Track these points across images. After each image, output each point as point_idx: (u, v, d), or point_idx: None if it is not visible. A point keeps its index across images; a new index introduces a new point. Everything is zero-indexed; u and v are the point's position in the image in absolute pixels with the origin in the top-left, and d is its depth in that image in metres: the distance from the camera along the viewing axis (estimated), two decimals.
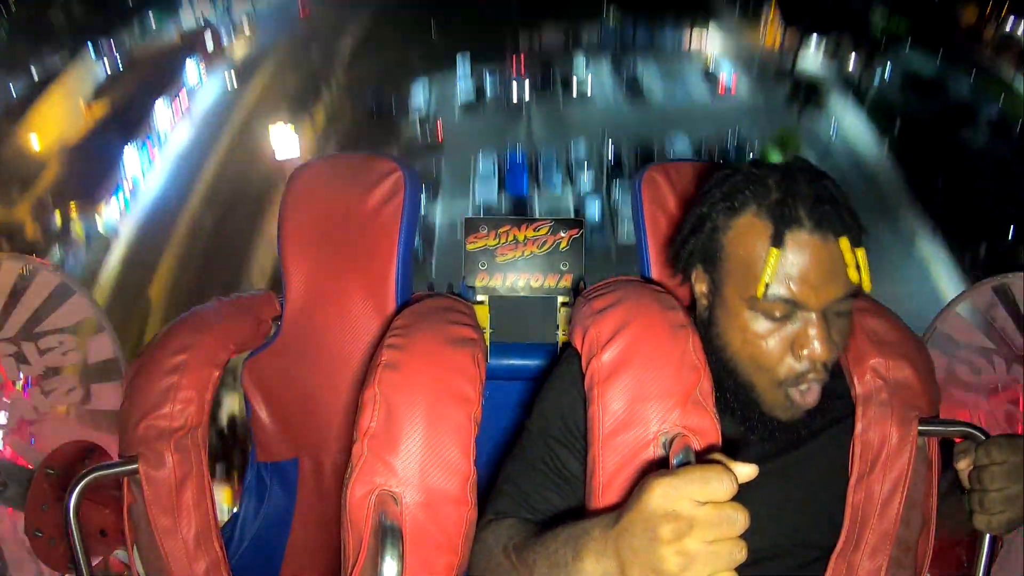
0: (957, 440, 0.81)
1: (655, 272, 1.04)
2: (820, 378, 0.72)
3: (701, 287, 0.80)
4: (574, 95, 17.94)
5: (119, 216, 17.94)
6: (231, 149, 19.74)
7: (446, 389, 0.73)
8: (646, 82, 18.24)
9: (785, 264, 0.68)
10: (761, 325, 0.72)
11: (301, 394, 1.11)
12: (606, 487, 0.69)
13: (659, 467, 0.66)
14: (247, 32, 24.07)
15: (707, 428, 0.69)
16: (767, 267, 0.68)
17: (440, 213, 15.86)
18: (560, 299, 1.26)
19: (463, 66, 18.39)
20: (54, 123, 20.97)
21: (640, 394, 0.69)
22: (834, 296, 0.69)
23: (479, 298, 1.26)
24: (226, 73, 21.45)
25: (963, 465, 0.76)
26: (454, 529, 0.70)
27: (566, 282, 1.26)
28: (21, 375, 1.10)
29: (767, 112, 17.51)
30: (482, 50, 17.98)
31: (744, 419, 0.77)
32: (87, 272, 16.85)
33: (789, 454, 0.79)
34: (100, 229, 17.64)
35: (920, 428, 0.79)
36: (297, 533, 1.13)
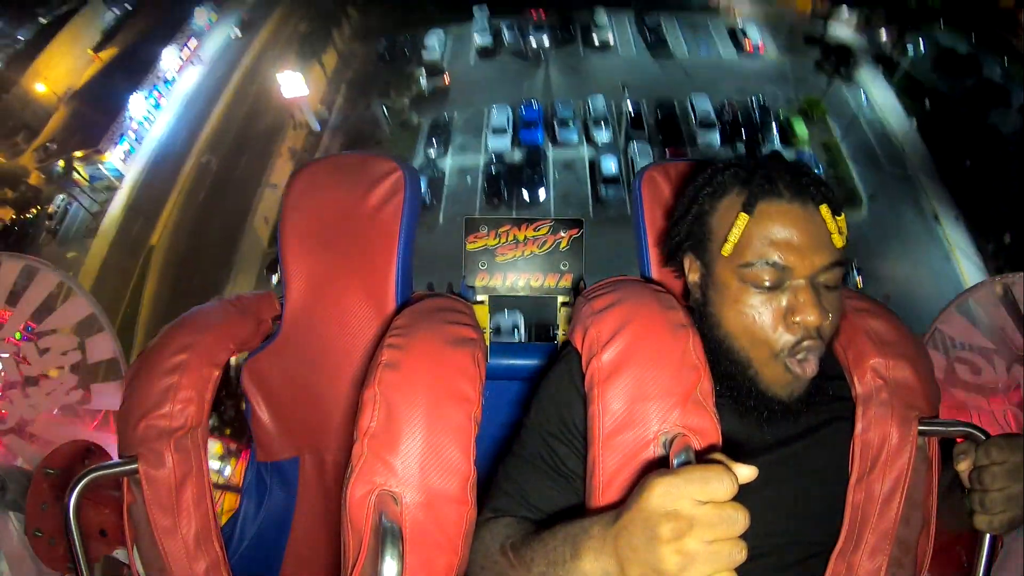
0: (958, 440, 0.81)
1: (655, 272, 1.04)
2: (815, 346, 0.73)
3: (693, 275, 0.81)
4: (596, 45, 17.13)
5: (124, 160, 17.69)
6: (239, 91, 19.52)
7: (446, 389, 0.73)
8: (670, 38, 17.44)
9: (769, 232, 0.72)
10: (753, 297, 0.73)
11: (301, 393, 1.11)
12: (606, 486, 0.69)
13: (659, 467, 0.66)
14: None
15: (707, 428, 0.69)
16: (734, 228, 0.73)
17: (451, 158, 15.18)
18: (560, 299, 1.26)
19: (481, 18, 17.99)
20: (61, 70, 20.89)
21: (640, 394, 0.69)
22: (820, 264, 0.72)
23: (479, 298, 1.26)
24: (232, 29, 21.32)
25: (963, 466, 0.76)
26: (454, 529, 0.70)
27: (566, 282, 1.26)
28: (21, 374, 1.10)
29: (794, 77, 16.89)
30: (502, 1, 17.56)
31: (743, 402, 0.76)
32: (91, 218, 16.87)
33: (789, 448, 0.79)
34: (105, 173, 17.33)
35: (920, 428, 0.79)
36: (297, 533, 1.13)
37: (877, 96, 17.29)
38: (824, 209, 0.72)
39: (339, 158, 1.16)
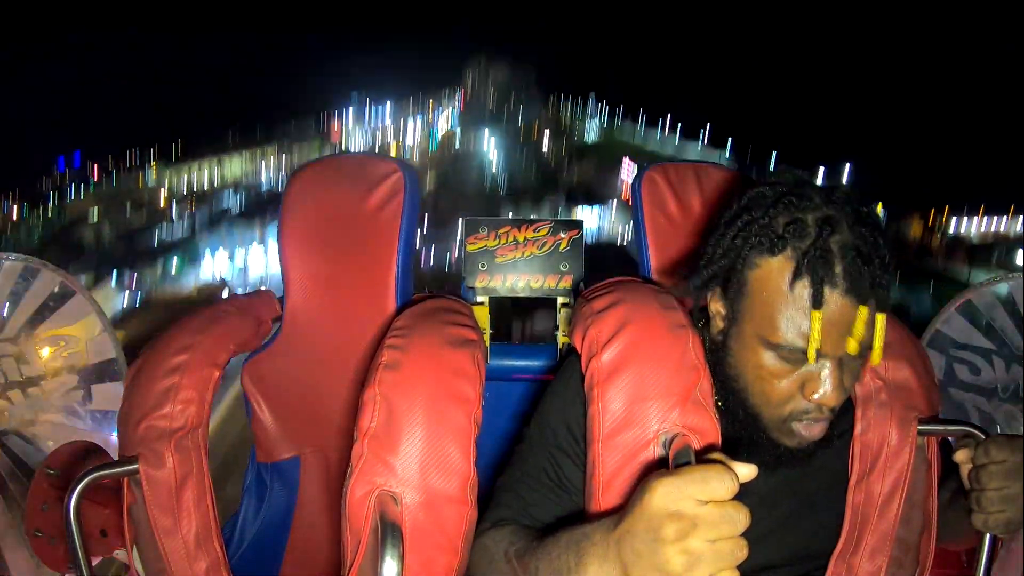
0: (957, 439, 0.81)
1: (655, 272, 1.04)
2: (825, 418, 0.70)
3: (719, 309, 0.75)
4: None
5: None
6: None
7: (446, 389, 0.73)
8: None
9: (807, 323, 0.64)
10: (776, 365, 0.68)
11: (302, 394, 1.11)
12: (606, 487, 0.69)
13: (659, 467, 0.66)
14: None
15: (707, 428, 0.69)
16: (813, 332, 0.63)
17: None
18: (560, 300, 1.26)
19: None
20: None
21: (640, 394, 0.69)
22: (850, 351, 0.65)
23: (479, 299, 1.26)
24: None
25: (963, 466, 0.76)
26: (454, 529, 0.70)
27: (566, 283, 1.26)
28: (21, 375, 1.10)
29: None
30: None
31: (752, 443, 0.74)
32: None
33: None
34: None
35: (920, 428, 0.79)
36: (297, 533, 1.13)
37: None
38: (863, 311, 0.63)
39: (339, 159, 1.16)
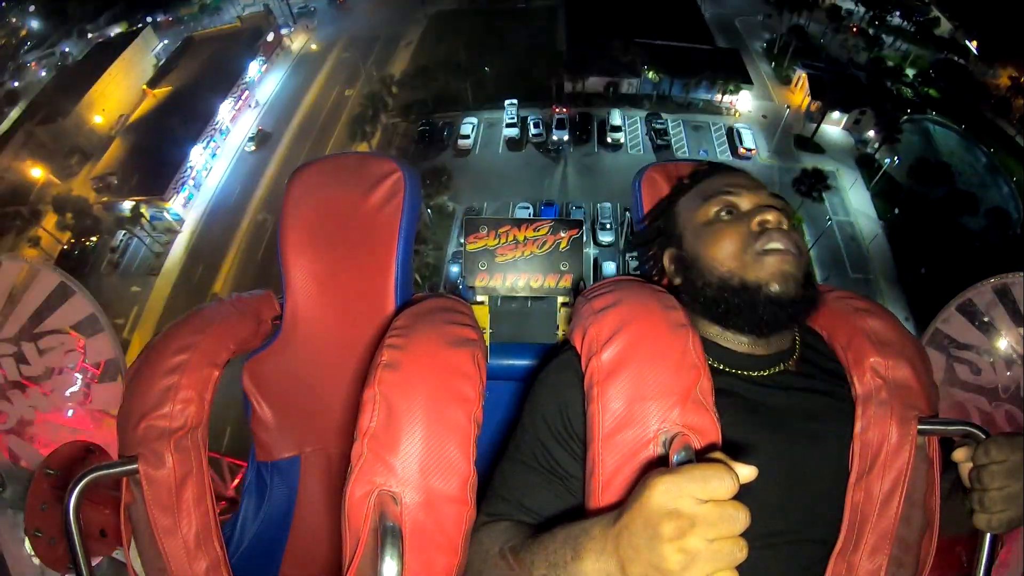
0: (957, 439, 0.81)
1: None
2: (781, 234, 0.80)
3: (671, 264, 0.92)
4: (609, 143, 18.98)
5: (184, 206, 18.87)
6: (289, 153, 20.28)
7: (446, 389, 0.72)
8: (674, 140, 19.23)
9: (719, 183, 0.89)
10: (722, 225, 0.85)
11: (302, 393, 1.11)
12: (606, 486, 0.69)
13: (659, 466, 0.66)
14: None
15: (707, 427, 0.68)
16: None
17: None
18: (560, 299, 1.26)
19: (510, 109, 19.89)
20: (114, 100, 21.93)
21: (640, 393, 0.69)
22: (765, 196, 0.86)
23: (479, 298, 1.26)
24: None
25: (963, 465, 0.76)
26: (454, 529, 0.70)
27: (566, 282, 1.26)
28: (21, 375, 1.10)
29: (779, 182, 18.14)
30: (530, 95, 19.87)
31: (752, 315, 0.80)
32: (153, 257, 17.77)
33: (789, 449, 0.79)
34: (166, 216, 18.39)
35: (920, 427, 0.79)
36: (297, 532, 1.13)
37: (853, 200, 18.49)
38: (746, 176, 0.91)
39: (339, 158, 1.16)
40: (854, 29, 23.74)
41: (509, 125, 19.33)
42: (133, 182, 18.97)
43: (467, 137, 19.22)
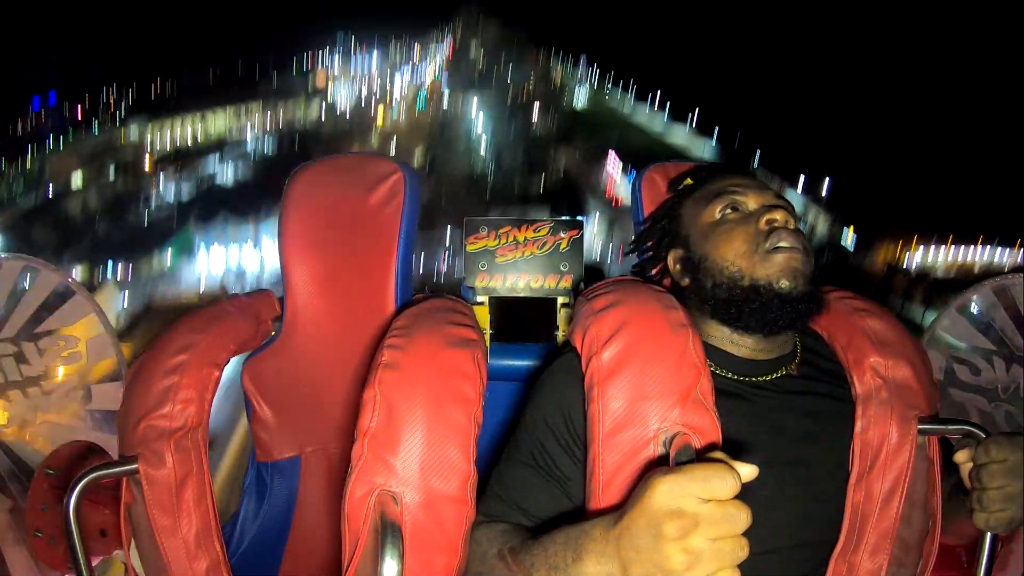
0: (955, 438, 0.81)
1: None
2: (789, 232, 0.80)
3: (676, 265, 0.92)
4: None
5: None
6: None
7: (446, 389, 0.72)
8: None
9: (723, 184, 0.89)
10: (729, 226, 0.85)
11: (302, 394, 1.11)
12: (606, 486, 0.69)
13: (659, 465, 0.66)
14: None
15: (707, 426, 0.68)
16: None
17: None
18: (560, 300, 1.26)
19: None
20: None
21: (640, 392, 0.69)
22: (771, 196, 0.86)
23: (479, 299, 1.26)
24: None
25: (963, 465, 0.76)
26: (454, 529, 0.70)
27: (566, 283, 1.26)
28: (21, 375, 1.10)
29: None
30: None
31: (762, 314, 0.80)
32: None
33: (790, 448, 0.79)
34: None
35: (920, 427, 0.79)
36: (298, 533, 1.12)
37: None
38: (753, 179, 0.90)
39: (339, 159, 1.16)
40: None
41: None
42: None
43: None
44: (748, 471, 0.50)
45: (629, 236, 1.15)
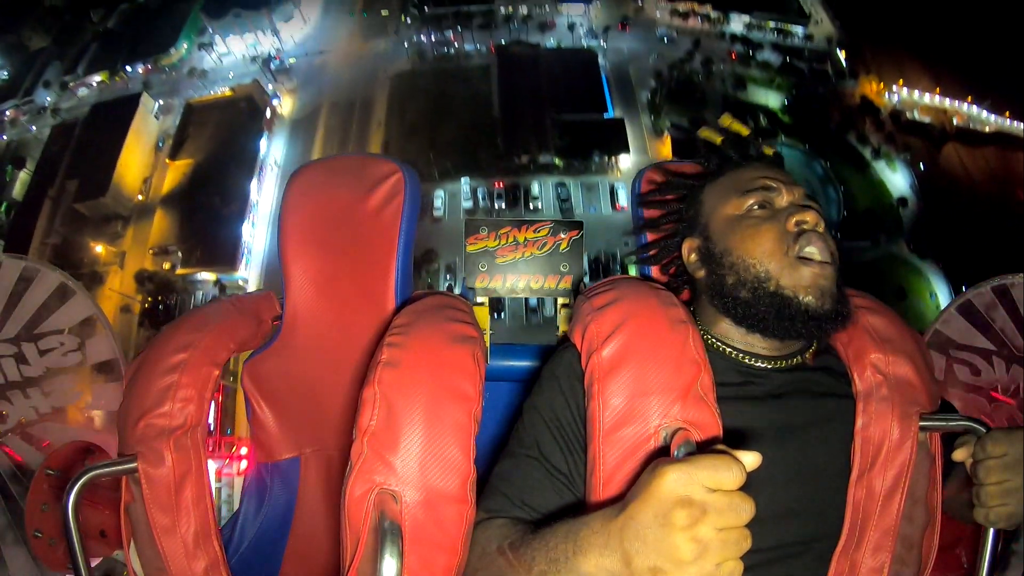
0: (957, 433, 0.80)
1: (654, 270, 1.04)
2: (818, 236, 0.78)
3: (692, 255, 0.89)
4: (531, 208, 24.58)
5: (245, 268, 22.79)
6: None
7: (446, 387, 0.72)
8: (573, 199, 24.46)
9: (750, 177, 0.85)
10: (755, 221, 0.81)
11: (302, 394, 1.10)
12: (607, 481, 0.69)
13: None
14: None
15: (708, 422, 0.68)
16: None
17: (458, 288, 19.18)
18: (560, 300, 1.26)
19: (465, 185, 25.19)
20: (135, 169, 24.52)
21: (640, 389, 0.69)
22: (800, 193, 0.83)
23: (479, 299, 1.26)
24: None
25: (962, 459, 0.75)
26: (454, 528, 0.70)
27: (566, 283, 1.26)
28: (21, 375, 1.10)
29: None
30: (478, 169, 25.40)
31: (780, 324, 0.78)
32: None
33: (791, 445, 0.79)
34: (234, 278, 21.79)
35: (921, 423, 0.79)
36: (298, 533, 1.12)
37: None
38: (780, 172, 0.86)
39: (339, 159, 1.17)
40: (732, 55, 28.32)
41: (466, 199, 24.97)
42: (198, 253, 22.75)
43: (438, 208, 24.24)
44: (751, 459, 0.50)
45: None
